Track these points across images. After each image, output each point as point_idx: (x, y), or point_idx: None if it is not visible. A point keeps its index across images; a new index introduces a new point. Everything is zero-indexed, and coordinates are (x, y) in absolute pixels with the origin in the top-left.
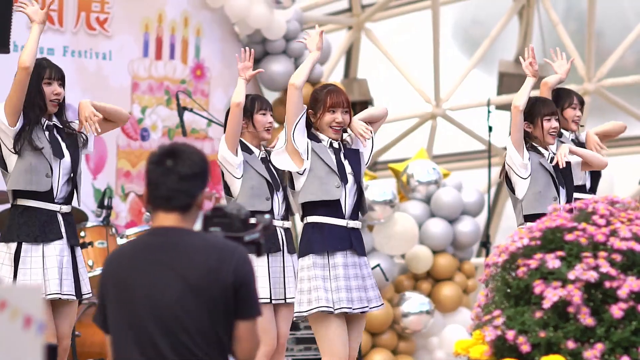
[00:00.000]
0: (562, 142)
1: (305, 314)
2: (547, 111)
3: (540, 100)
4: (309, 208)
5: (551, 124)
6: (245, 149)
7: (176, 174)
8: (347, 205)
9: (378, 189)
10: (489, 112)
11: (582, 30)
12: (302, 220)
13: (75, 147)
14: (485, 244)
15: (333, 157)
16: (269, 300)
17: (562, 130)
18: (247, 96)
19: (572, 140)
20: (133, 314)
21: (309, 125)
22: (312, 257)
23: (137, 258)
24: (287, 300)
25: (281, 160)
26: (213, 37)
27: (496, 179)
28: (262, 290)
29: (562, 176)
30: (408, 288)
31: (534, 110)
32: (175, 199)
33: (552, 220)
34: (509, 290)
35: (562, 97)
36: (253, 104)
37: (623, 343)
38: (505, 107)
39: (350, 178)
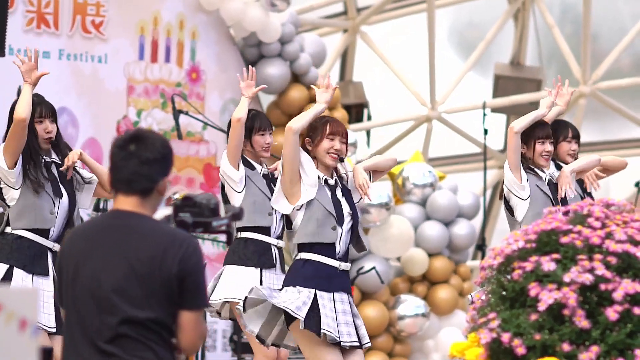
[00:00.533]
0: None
1: (290, 312)
2: (542, 134)
3: (537, 123)
4: (303, 247)
5: (544, 147)
6: (247, 164)
7: (138, 158)
8: (342, 245)
9: (374, 191)
10: (484, 114)
11: (577, 33)
12: (293, 258)
13: (72, 188)
14: (481, 246)
15: (329, 194)
16: None
17: (560, 163)
18: (248, 111)
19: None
20: (79, 293)
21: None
22: (299, 287)
23: (92, 238)
24: None
25: (281, 206)
26: (208, 40)
27: (492, 182)
28: None
29: (559, 198)
30: (404, 291)
31: (528, 132)
32: (135, 183)
33: (548, 223)
34: (504, 293)
35: (557, 131)
36: (252, 124)
37: (618, 345)
38: (501, 110)
39: (347, 219)
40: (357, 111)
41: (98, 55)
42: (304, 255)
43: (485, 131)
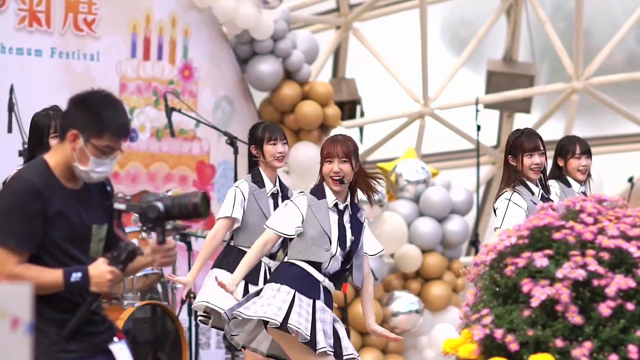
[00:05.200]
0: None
1: (247, 317)
2: (529, 146)
3: (526, 134)
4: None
5: (533, 159)
6: (258, 180)
7: None
8: (331, 267)
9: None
10: (477, 111)
11: (570, 29)
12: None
13: None
14: (474, 242)
15: (335, 218)
16: None
17: (570, 180)
18: (258, 125)
19: (582, 192)
20: None
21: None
22: (279, 285)
23: None
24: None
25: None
26: (201, 37)
27: (485, 178)
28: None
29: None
30: (397, 287)
31: (517, 145)
32: None
33: (540, 219)
34: (497, 289)
35: (565, 147)
36: (263, 134)
37: (611, 341)
38: (494, 106)
39: (347, 245)
40: (349, 108)
41: (90, 53)
42: (292, 260)
43: (478, 127)
